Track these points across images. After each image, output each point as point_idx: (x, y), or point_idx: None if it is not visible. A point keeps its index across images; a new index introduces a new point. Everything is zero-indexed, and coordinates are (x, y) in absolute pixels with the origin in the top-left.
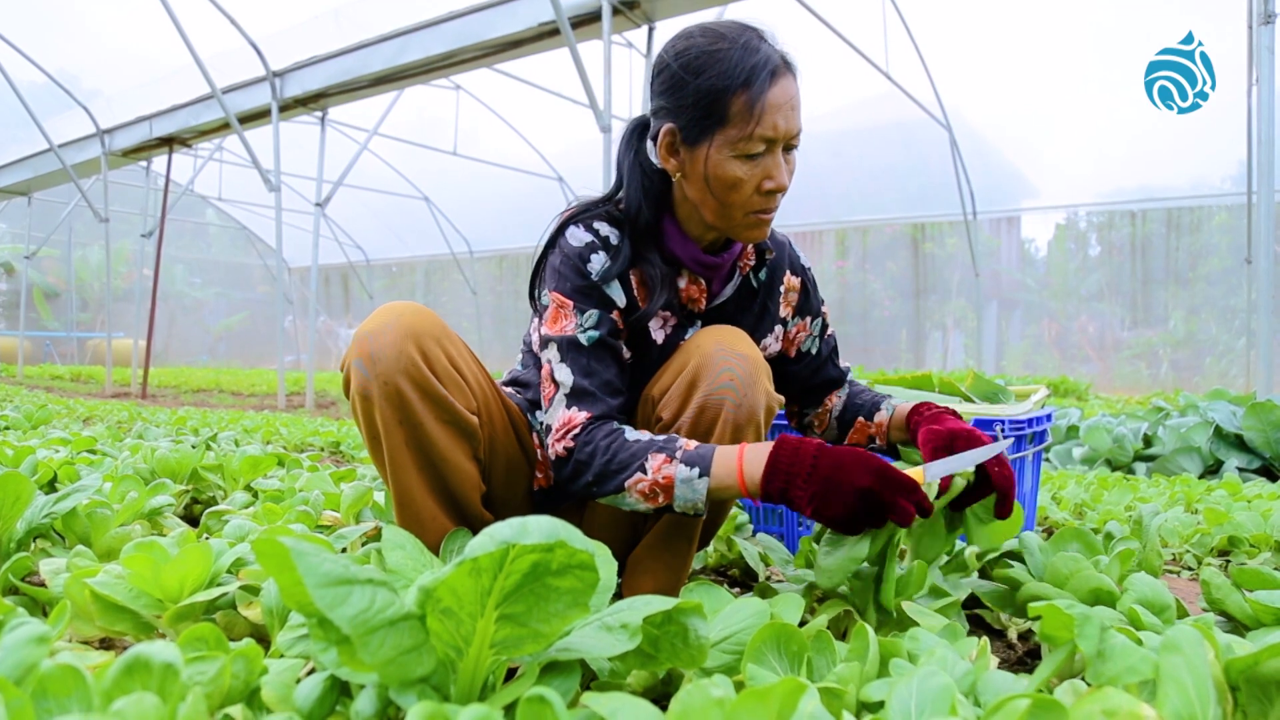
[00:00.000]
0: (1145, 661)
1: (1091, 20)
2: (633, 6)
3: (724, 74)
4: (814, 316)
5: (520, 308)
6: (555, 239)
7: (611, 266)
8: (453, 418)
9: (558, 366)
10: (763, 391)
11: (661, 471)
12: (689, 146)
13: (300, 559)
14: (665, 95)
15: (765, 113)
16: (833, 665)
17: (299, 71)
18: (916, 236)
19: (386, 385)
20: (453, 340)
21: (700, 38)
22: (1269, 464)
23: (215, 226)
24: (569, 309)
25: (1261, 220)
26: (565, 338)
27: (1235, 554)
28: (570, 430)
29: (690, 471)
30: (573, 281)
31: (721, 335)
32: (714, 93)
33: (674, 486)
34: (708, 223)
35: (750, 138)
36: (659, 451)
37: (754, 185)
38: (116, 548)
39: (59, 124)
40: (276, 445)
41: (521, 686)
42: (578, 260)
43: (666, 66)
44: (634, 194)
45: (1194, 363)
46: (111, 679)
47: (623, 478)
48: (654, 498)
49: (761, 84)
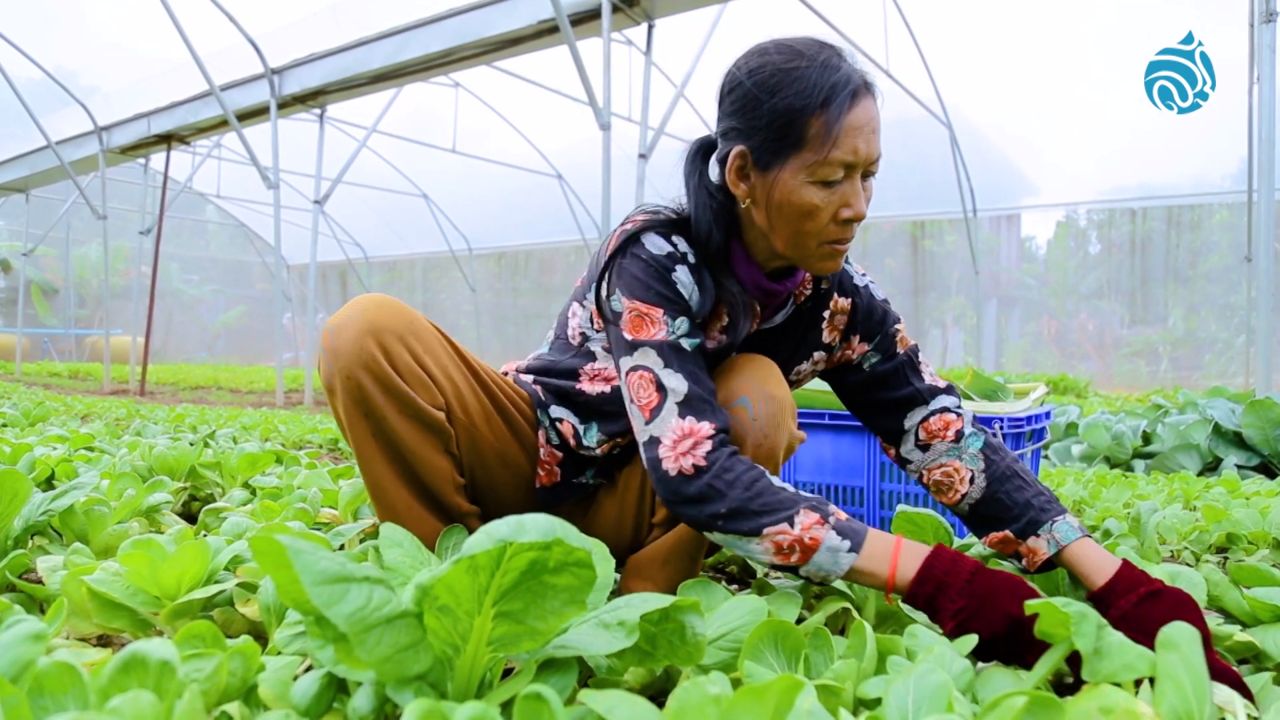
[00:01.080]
0: (1142, 659)
1: (1092, 18)
2: (632, 4)
3: (801, 93)
4: (866, 336)
5: (520, 305)
6: (628, 245)
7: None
8: (416, 413)
9: (662, 372)
10: (786, 433)
11: (811, 532)
12: (761, 171)
13: (297, 556)
14: (737, 115)
15: (844, 135)
16: (830, 662)
17: (298, 69)
18: (916, 234)
19: (348, 379)
20: (420, 335)
21: (776, 54)
22: (1267, 461)
23: (214, 224)
24: (657, 316)
25: (1261, 218)
26: (665, 342)
27: (1233, 551)
28: (698, 444)
29: (841, 543)
30: (658, 289)
31: (754, 370)
32: (791, 113)
33: (817, 551)
34: (777, 251)
35: (828, 162)
36: (812, 510)
37: (830, 213)
38: (114, 545)
39: (57, 121)
40: (275, 442)
41: (518, 684)
42: (661, 269)
43: (739, 84)
44: (703, 216)
45: (1193, 360)
46: (108, 676)
47: (764, 522)
48: (788, 554)
49: (841, 104)
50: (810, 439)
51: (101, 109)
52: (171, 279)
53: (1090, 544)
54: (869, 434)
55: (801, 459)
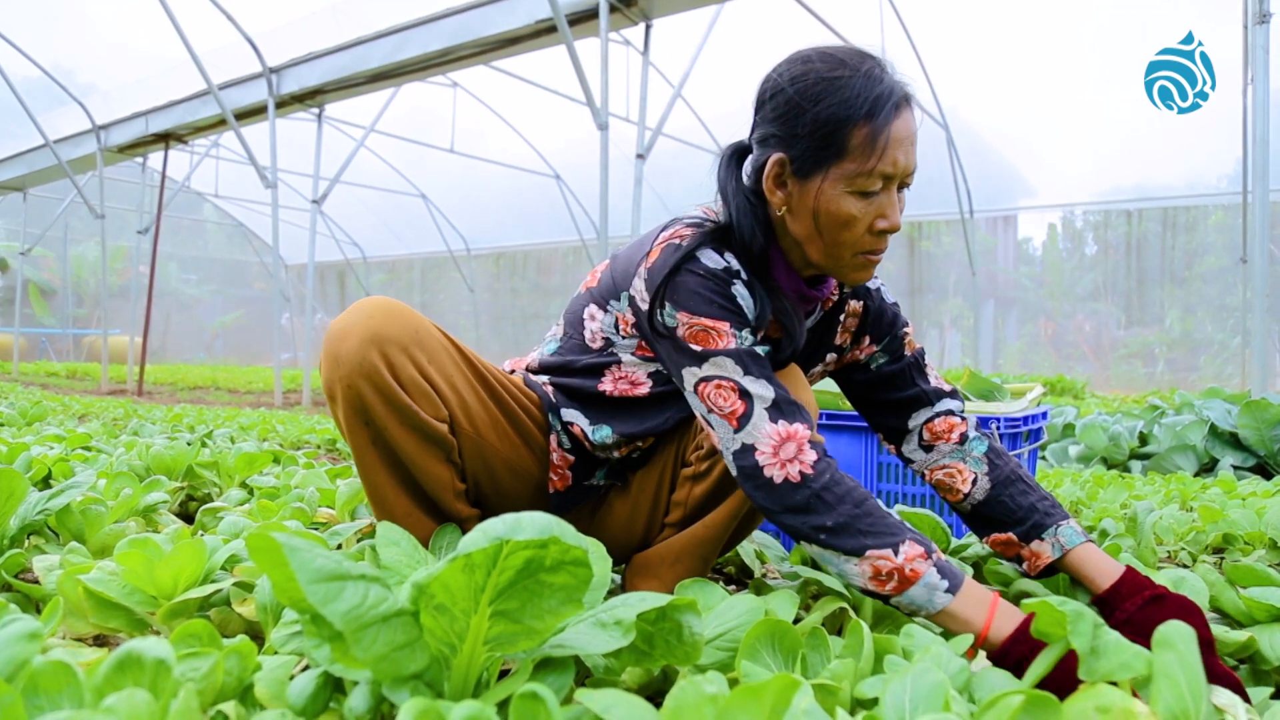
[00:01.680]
0: (1138, 658)
1: (1088, 20)
2: (630, 4)
3: (845, 103)
4: (876, 337)
5: (519, 305)
6: (681, 260)
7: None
8: (417, 424)
9: (744, 379)
10: None
11: (914, 564)
12: (800, 180)
13: (293, 555)
14: (777, 123)
15: (888, 147)
16: (827, 662)
17: (296, 68)
18: (913, 235)
19: (349, 389)
20: (425, 344)
21: (819, 63)
22: (1264, 462)
23: (212, 223)
24: (724, 329)
25: (1257, 220)
26: (739, 349)
27: (1230, 551)
28: (801, 449)
29: (940, 581)
30: (720, 304)
31: (783, 378)
32: (834, 122)
33: (915, 584)
34: (811, 260)
35: (870, 173)
36: (917, 542)
37: (867, 224)
38: (110, 544)
39: (54, 120)
40: (272, 442)
41: (515, 683)
42: (719, 283)
43: (781, 91)
44: (745, 221)
45: (1190, 361)
46: (103, 676)
47: (869, 543)
48: (884, 581)
49: (886, 116)
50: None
51: (99, 108)
52: (169, 279)
53: (1094, 549)
54: (867, 434)
55: None
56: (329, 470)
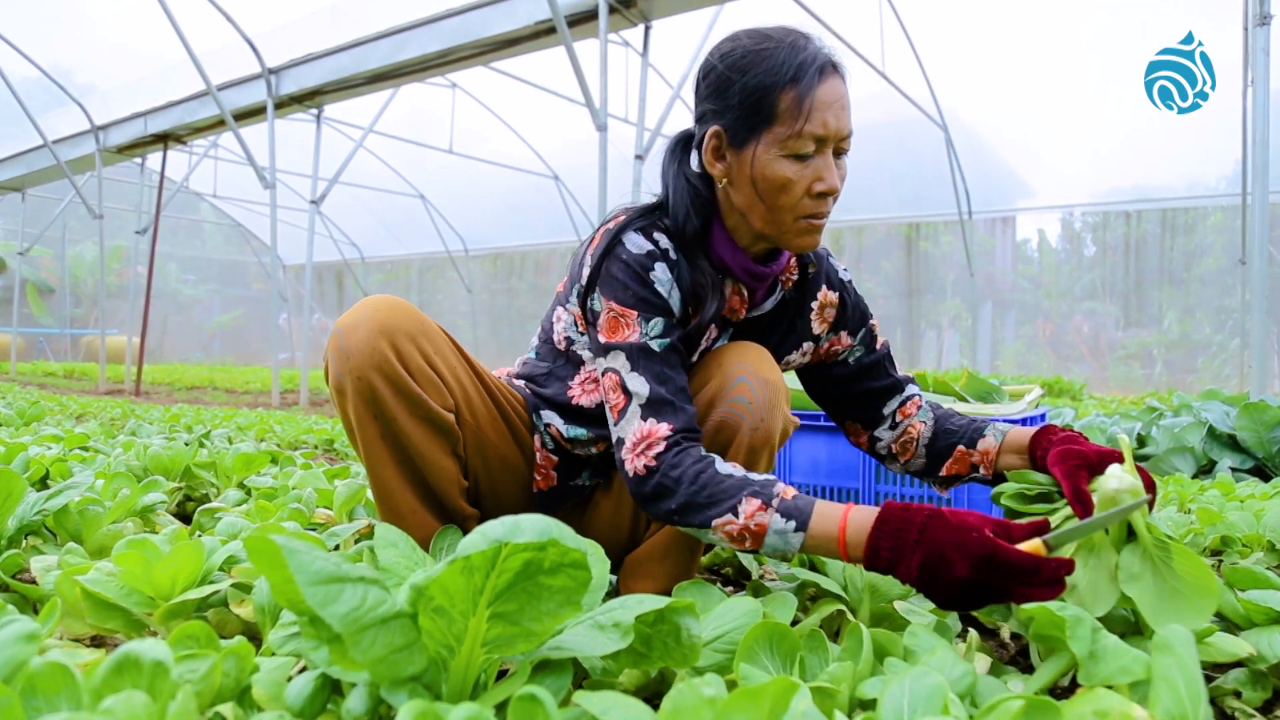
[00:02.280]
0: (1137, 662)
1: (1088, 21)
2: (629, 5)
3: (770, 70)
4: (853, 330)
5: (516, 306)
6: (611, 245)
7: (674, 283)
8: (427, 414)
9: (628, 376)
10: (780, 416)
11: (755, 519)
12: (736, 149)
13: (292, 557)
14: (711, 98)
15: (815, 109)
16: (825, 664)
17: (295, 69)
18: (911, 235)
19: (359, 380)
20: (430, 337)
21: (746, 39)
22: (1262, 464)
23: (210, 224)
24: (632, 318)
25: (1256, 221)
26: (634, 345)
27: (1228, 554)
28: (652, 445)
29: (786, 524)
30: (635, 290)
31: (745, 355)
32: (761, 90)
33: (766, 535)
34: (757, 231)
35: (800, 135)
36: (754, 495)
37: (804, 187)
38: (108, 545)
39: (53, 120)
40: (270, 443)
41: (513, 685)
42: (639, 269)
43: (713, 69)
44: (680, 202)
45: (1188, 363)
46: (101, 677)
47: (710, 514)
48: (740, 541)
49: (810, 80)
50: (805, 441)
51: (98, 108)
52: (168, 279)
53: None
54: None
55: (797, 461)
56: (326, 471)
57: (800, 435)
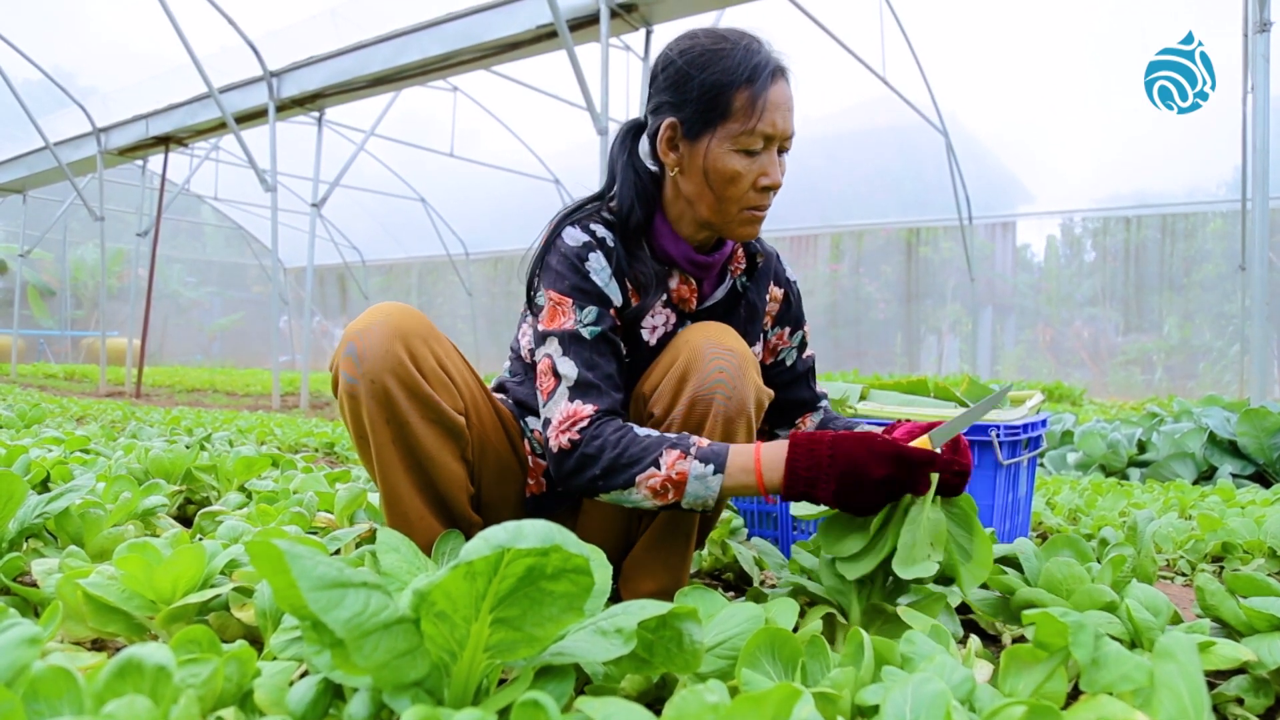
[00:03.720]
0: (1140, 669)
1: (1088, 27)
2: (630, 10)
3: (728, 70)
4: (793, 329)
5: (516, 310)
6: (552, 240)
7: (608, 268)
8: (439, 417)
9: (559, 360)
10: (752, 385)
11: (675, 468)
12: (690, 140)
13: (295, 562)
14: (668, 90)
15: (767, 109)
16: (827, 670)
17: (296, 72)
18: (911, 241)
19: (373, 384)
20: (440, 341)
21: (704, 38)
22: (1262, 470)
23: (211, 226)
24: (568, 306)
25: (1256, 227)
26: (566, 331)
27: (1229, 560)
28: (576, 423)
29: (705, 468)
30: (571, 280)
31: (709, 330)
32: (718, 87)
33: (687, 483)
34: (702, 219)
35: (752, 132)
36: (672, 448)
37: (751, 180)
38: (109, 548)
39: (54, 122)
40: (271, 446)
41: (515, 691)
42: (575, 259)
43: (671, 63)
44: (626, 193)
45: (1188, 369)
46: (104, 681)
47: (634, 472)
48: (664, 494)
49: (764, 82)
50: None
51: (100, 110)
52: (169, 281)
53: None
54: None
55: None
56: (328, 475)
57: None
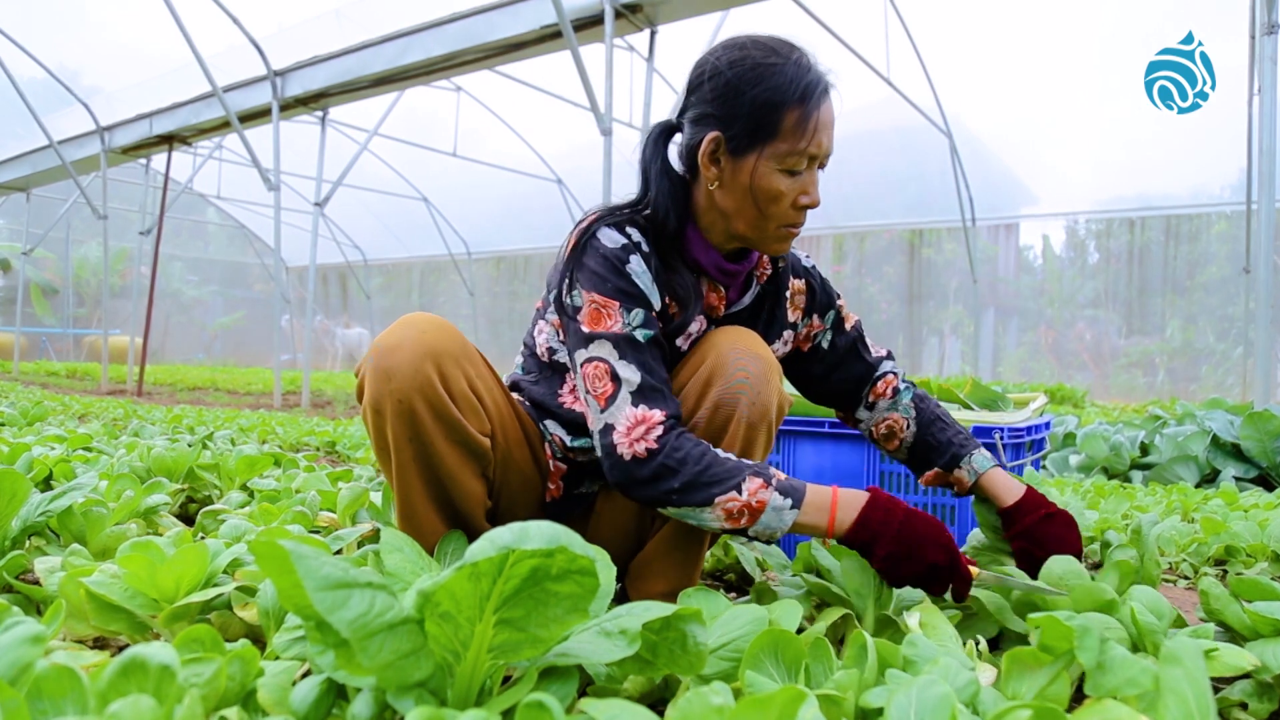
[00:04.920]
0: (1145, 673)
1: (1092, 28)
2: (635, 10)
3: (780, 88)
4: (823, 313)
5: (518, 309)
6: (586, 241)
7: (649, 272)
8: (464, 439)
9: (618, 364)
10: (774, 391)
11: (756, 495)
12: (734, 157)
13: (300, 562)
14: (715, 103)
15: (817, 130)
16: (830, 672)
17: (300, 71)
18: (914, 242)
19: (400, 403)
20: (472, 359)
21: (754, 50)
22: (1266, 473)
23: (214, 225)
24: (614, 309)
25: (1261, 230)
26: (619, 335)
27: (1232, 563)
28: (650, 429)
29: (783, 501)
30: (614, 282)
31: (735, 335)
32: (769, 106)
33: (764, 512)
34: (736, 233)
35: (799, 153)
36: (755, 475)
37: (792, 199)
38: (112, 547)
39: (58, 120)
40: (273, 445)
41: (519, 691)
42: (615, 261)
43: (719, 74)
44: (662, 200)
45: (1191, 371)
46: (107, 680)
47: (715, 492)
48: (738, 519)
49: (815, 101)
50: (810, 447)
51: (103, 109)
52: (171, 280)
53: (1000, 472)
54: (869, 444)
55: (801, 467)
56: (330, 474)
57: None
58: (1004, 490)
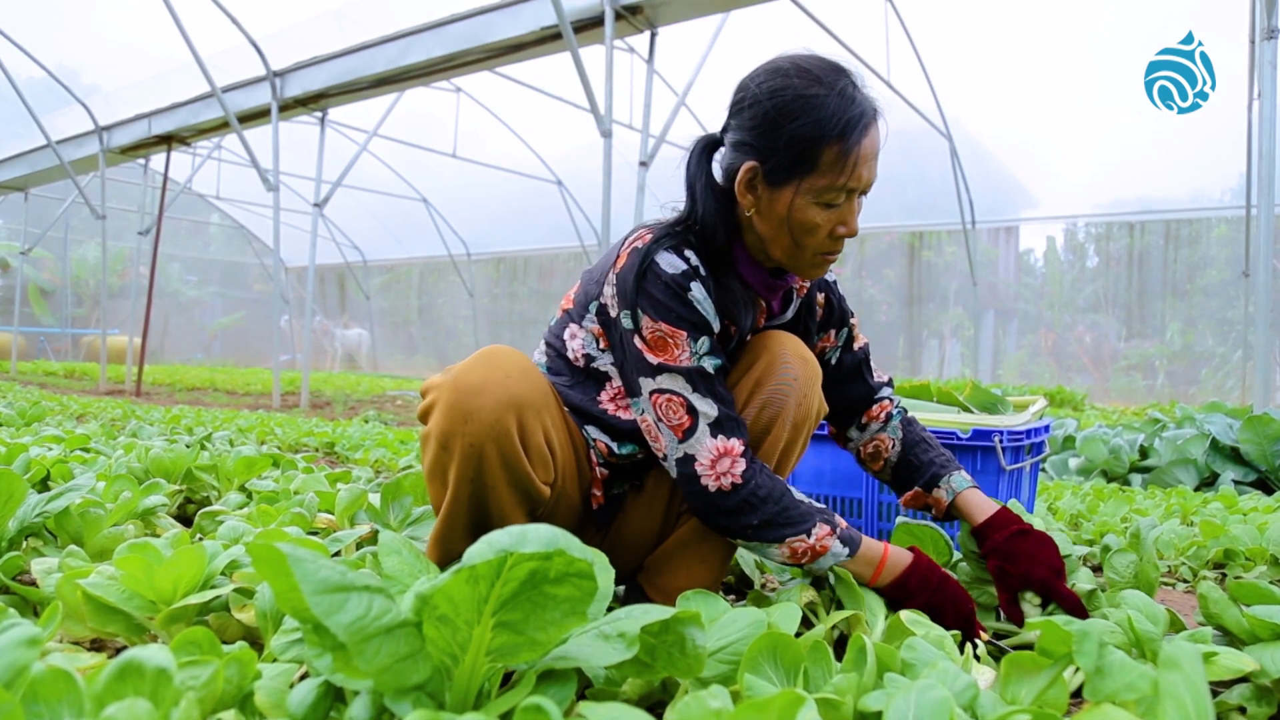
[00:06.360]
0: (1144, 678)
1: (1092, 32)
2: (635, 12)
3: (820, 122)
4: (838, 328)
5: (518, 310)
6: (646, 267)
7: (709, 297)
8: (527, 489)
9: (693, 396)
10: (817, 395)
11: (822, 541)
12: (771, 188)
13: (298, 565)
14: (753, 132)
15: (857, 164)
16: (829, 676)
17: (300, 72)
18: (915, 244)
19: (471, 447)
20: (550, 407)
21: (796, 78)
22: (1265, 477)
23: (213, 225)
24: (681, 339)
25: (1261, 234)
26: (690, 368)
27: (1231, 567)
28: (735, 463)
29: (842, 549)
30: (678, 311)
31: (784, 339)
32: (808, 141)
33: (824, 555)
34: (773, 257)
35: (837, 188)
36: (824, 522)
37: (828, 230)
38: (109, 548)
39: (57, 120)
40: (271, 446)
41: (518, 695)
42: (677, 288)
43: (758, 102)
44: (710, 217)
45: (1190, 375)
46: (104, 683)
47: (788, 532)
48: (800, 557)
49: (856, 137)
50: (811, 450)
51: (102, 109)
52: (170, 280)
53: (977, 492)
54: None
55: (802, 470)
56: (328, 475)
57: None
58: (977, 508)
